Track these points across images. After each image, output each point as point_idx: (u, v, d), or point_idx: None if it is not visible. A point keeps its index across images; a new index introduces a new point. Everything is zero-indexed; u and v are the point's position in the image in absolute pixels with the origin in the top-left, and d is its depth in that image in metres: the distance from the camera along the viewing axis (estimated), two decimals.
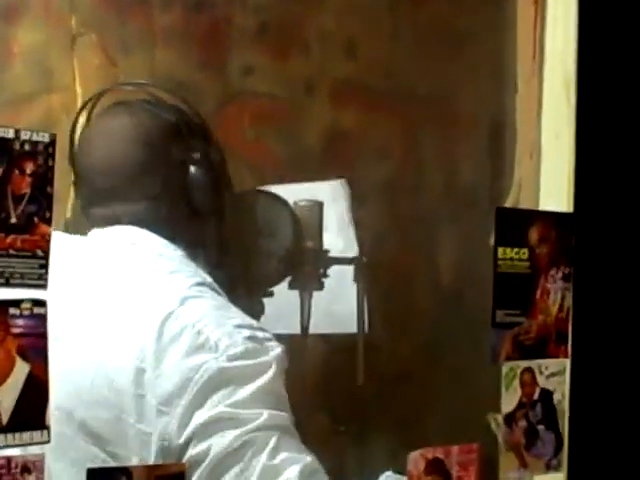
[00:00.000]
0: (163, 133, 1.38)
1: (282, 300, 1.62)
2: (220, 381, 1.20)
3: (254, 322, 1.29)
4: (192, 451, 1.18)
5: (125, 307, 1.28)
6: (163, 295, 1.27)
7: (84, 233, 1.42)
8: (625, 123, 1.64)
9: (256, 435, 1.18)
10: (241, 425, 1.18)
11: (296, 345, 1.69)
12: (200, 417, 1.18)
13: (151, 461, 1.18)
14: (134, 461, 1.19)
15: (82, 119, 1.47)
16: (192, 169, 1.37)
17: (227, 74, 1.94)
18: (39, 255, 1.11)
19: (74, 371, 1.23)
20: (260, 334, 1.25)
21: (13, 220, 1.06)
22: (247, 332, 1.24)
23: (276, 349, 1.24)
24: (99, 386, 1.24)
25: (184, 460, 1.17)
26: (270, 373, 1.21)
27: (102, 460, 1.22)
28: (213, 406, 1.19)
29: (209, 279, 1.33)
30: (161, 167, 1.37)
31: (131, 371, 1.22)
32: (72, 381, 1.22)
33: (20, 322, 1.10)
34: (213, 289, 1.32)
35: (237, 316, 1.28)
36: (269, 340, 1.25)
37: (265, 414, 1.19)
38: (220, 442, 1.17)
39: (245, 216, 1.56)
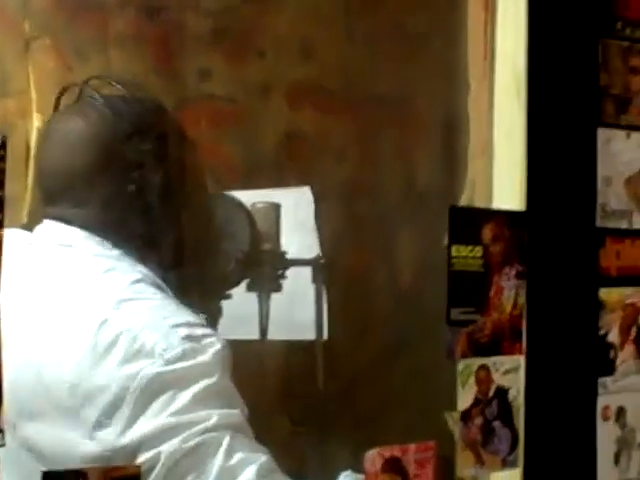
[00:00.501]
0: (118, 135, 1.35)
1: (241, 303, 1.62)
2: (159, 386, 1.17)
3: (193, 318, 1.25)
4: (141, 459, 1.15)
5: (60, 315, 1.26)
6: (97, 300, 1.24)
7: None
8: (576, 122, 1.66)
9: (209, 436, 1.16)
10: (189, 428, 1.15)
11: (255, 347, 1.70)
12: (144, 426, 1.16)
13: None
14: None
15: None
16: (147, 174, 1.34)
17: (183, 78, 1.94)
18: None
19: (15, 383, 1.20)
20: (199, 331, 1.22)
21: None
22: (184, 331, 1.20)
23: (216, 345, 1.21)
24: (38, 399, 1.22)
25: None
26: (211, 372, 1.19)
27: None
28: (155, 414, 1.16)
29: (148, 273, 1.30)
30: (111, 169, 1.34)
31: (67, 383, 1.19)
32: (13, 394, 1.19)
33: None
34: (152, 284, 1.28)
35: (174, 314, 1.24)
36: (209, 336, 1.22)
37: (215, 415, 1.17)
38: (170, 446, 1.15)
39: (201, 217, 1.55)
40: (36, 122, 1.80)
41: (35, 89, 1.82)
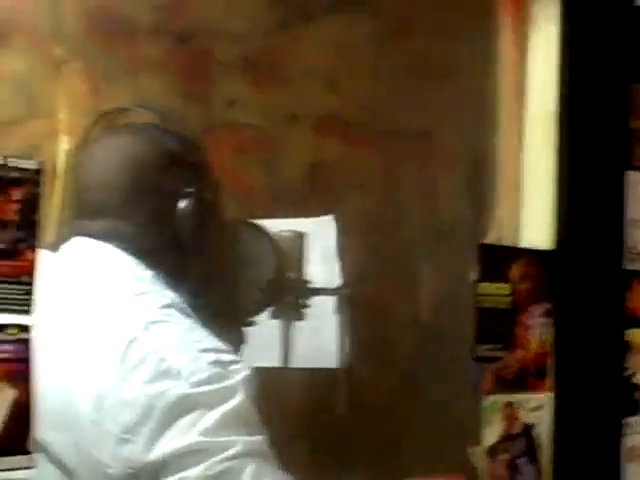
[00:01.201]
0: (160, 161, 1.39)
1: (264, 330, 1.63)
2: (184, 408, 1.18)
3: (220, 345, 1.27)
4: None
5: (90, 330, 1.27)
6: (128, 320, 1.26)
7: None
8: (605, 164, 1.67)
9: (233, 463, 1.16)
10: (215, 454, 1.16)
11: (277, 374, 1.70)
12: (170, 445, 1.17)
13: None
14: None
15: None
16: (182, 202, 1.38)
17: (210, 105, 1.96)
18: (24, 281, 1.12)
19: (45, 399, 1.21)
20: (225, 357, 1.24)
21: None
22: (212, 356, 1.22)
23: (242, 372, 1.22)
24: (61, 409, 1.23)
25: None
26: (236, 397, 1.20)
27: None
28: (182, 434, 1.17)
29: (177, 299, 1.32)
30: (149, 194, 1.37)
31: (92, 396, 1.21)
32: (43, 410, 1.20)
33: (6, 347, 1.10)
34: (180, 310, 1.30)
35: (202, 340, 1.26)
36: (235, 363, 1.24)
37: (240, 441, 1.17)
38: (194, 472, 1.15)
39: (227, 246, 1.57)
40: (64, 144, 1.82)
41: (64, 112, 1.84)
